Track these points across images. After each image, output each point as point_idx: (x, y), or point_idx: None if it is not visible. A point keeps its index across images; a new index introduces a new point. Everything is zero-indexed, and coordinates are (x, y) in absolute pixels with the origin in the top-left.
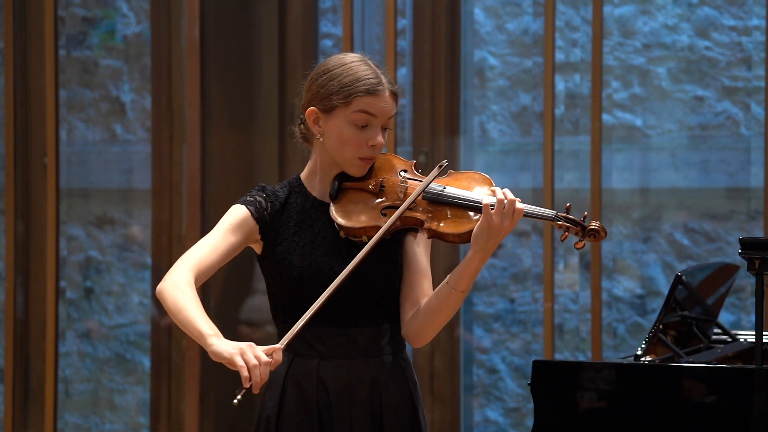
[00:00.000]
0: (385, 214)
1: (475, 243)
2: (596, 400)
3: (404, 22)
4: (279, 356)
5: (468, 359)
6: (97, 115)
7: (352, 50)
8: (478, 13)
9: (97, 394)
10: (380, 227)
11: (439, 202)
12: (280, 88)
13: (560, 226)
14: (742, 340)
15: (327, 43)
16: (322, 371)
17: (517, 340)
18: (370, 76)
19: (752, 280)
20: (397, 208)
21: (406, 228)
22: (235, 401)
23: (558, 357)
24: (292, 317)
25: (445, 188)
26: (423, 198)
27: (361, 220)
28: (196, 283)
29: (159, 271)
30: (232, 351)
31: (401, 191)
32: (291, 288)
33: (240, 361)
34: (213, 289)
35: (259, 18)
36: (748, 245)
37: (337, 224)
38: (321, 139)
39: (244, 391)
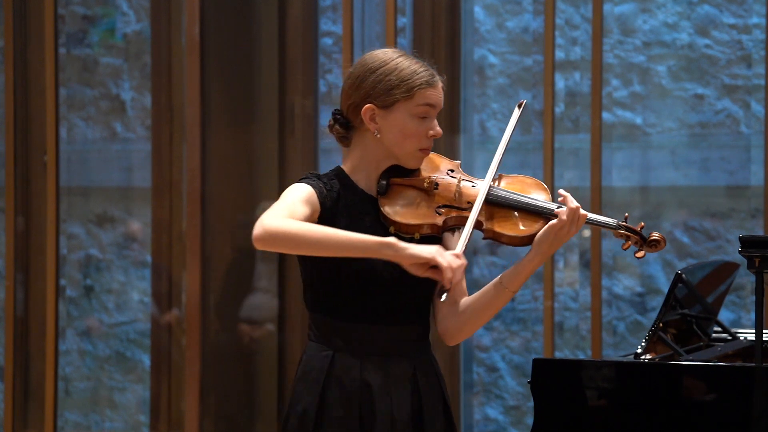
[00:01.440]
0: (440, 213)
1: (538, 246)
2: (596, 399)
3: (404, 21)
4: (464, 259)
5: (468, 357)
6: (97, 113)
7: (351, 49)
8: (478, 12)
9: (97, 392)
10: (436, 224)
11: (498, 204)
12: (280, 86)
13: (621, 235)
14: (742, 338)
15: (327, 41)
16: (364, 369)
17: (517, 339)
18: (424, 69)
19: (752, 278)
20: (451, 206)
21: (453, 226)
22: (443, 299)
23: (558, 355)
24: (333, 310)
25: (506, 191)
26: (485, 200)
27: (416, 217)
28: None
29: (159, 270)
30: (431, 251)
31: (456, 189)
32: (340, 283)
33: (444, 263)
34: (213, 287)
35: (259, 16)
36: (748, 243)
37: (390, 220)
38: (378, 135)
39: (447, 291)
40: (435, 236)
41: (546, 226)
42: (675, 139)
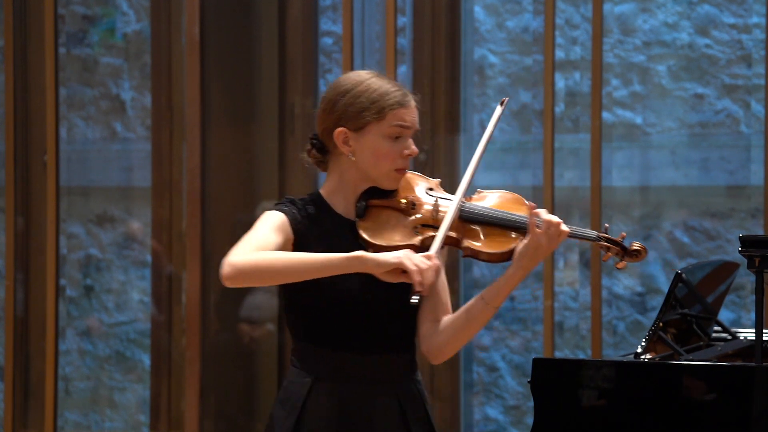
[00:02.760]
0: (417, 233)
1: (518, 262)
2: (596, 398)
3: (404, 20)
4: (437, 261)
5: (468, 357)
6: (97, 113)
7: (351, 49)
8: (478, 11)
9: (97, 392)
10: (414, 245)
11: (474, 221)
12: (280, 85)
13: (601, 247)
14: (742, 338)
15: (327, 41)
16: (344, 398)
17: (517, 338)
18: (396, 89)
19: (752, 278)
20: (428, 225)
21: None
22: (414, 300)
23: (558, 355)
24: (314, 337)
25: (480, 206)
26: (459, 217)
27: (394, 239)
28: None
29: (159, 270)
30: (398, 255)
31: (433, 209)
32: (319, 310)
33: (412, 266)
34: (213, 288)
35: (259, 16)
36: (748, 243)
37: (368, 242)
38: (353, 158)
39: (419, 294)
40: None
41: (525, 242)
42: (675, 138)
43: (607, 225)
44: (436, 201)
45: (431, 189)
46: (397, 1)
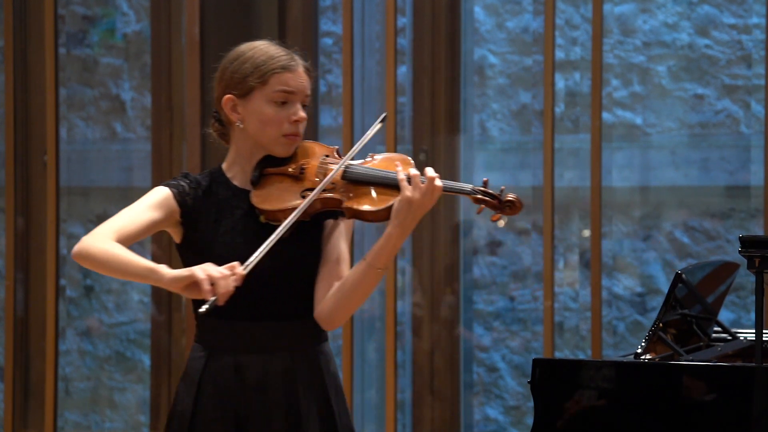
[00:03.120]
0: (304, 197)
1: (395, 219)
2: (596, 399)
3: (404, 21)
4: (241, 271)
5: (468, 357)
6: (97, 113)
7: (352, 49)
8: (478, 11)
9: (97, 392)
10: (297, 207)
11: (357, 182)
12: None
13: (476, 200)
14: (742, 338)
15: (327, 41)
16: (238, 366)
17: (517, 339)
18: (282, 54)
19: (752, 278)
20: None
21: (327, 211)
22: (202, 310)
23: (558, 355)
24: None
25: (365, 167)
26: (342, 178)
27: (282, 202)
28: None
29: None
30: (191, 269)
31: (321, 173)
32: None
33: (201, 275)
34: None
35: (259, 16)
36: (748, 243)
37: (258, 209)
38: (241, 125)
39: (210, 303)
40: (304, 221)
41: (399, 198)
42: (675, 139)
43: (486, 179)
44: (326, 166)
45: (327, 156)
46: (397, 1)
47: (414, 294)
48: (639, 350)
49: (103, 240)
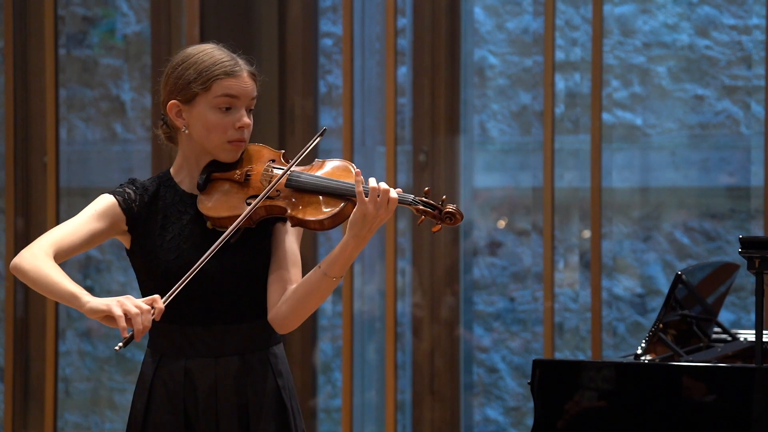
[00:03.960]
0: (249, 203)
1: (351, 230)
2: (596, 399)
3: (404, 21)
4: (160, 305)
5: (468, 358)
6: (97, 114)
7: (352, 50)
8: (478, 12)
9: (97, 393)
10: (240, 215)
11: (302, 190)
12: (280, 87)
13: (417, 210)
14: (742, 339)
15: (327, 42)
16: (188, 370)
17: (517, 339)
18: (226, 59)
19: (752, 279)
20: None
21: (273, 217)
22: (117, 348)
23: (558, 356)
24: (163, 313)
25: (310, 175)
26: (286, 185)
27: (227, 209)
28: (54, 261)
29: None
30: (109, 302)
31: (266, 180)
32: (159, 282)
33: (118, 311)
34: None
35: (259, 16)
36: (748, 244)
37: (204, 216)
38: (186, 131)
39: (125, 339)
40: (249, 228)
41: (355, 210)
42: (675, 139)
43: (427, 188)
44: (271, 173)
45: (273, 161)
46: (397, 2)
47: (414, 295)
48: (639, 351)
49: (38, 256)
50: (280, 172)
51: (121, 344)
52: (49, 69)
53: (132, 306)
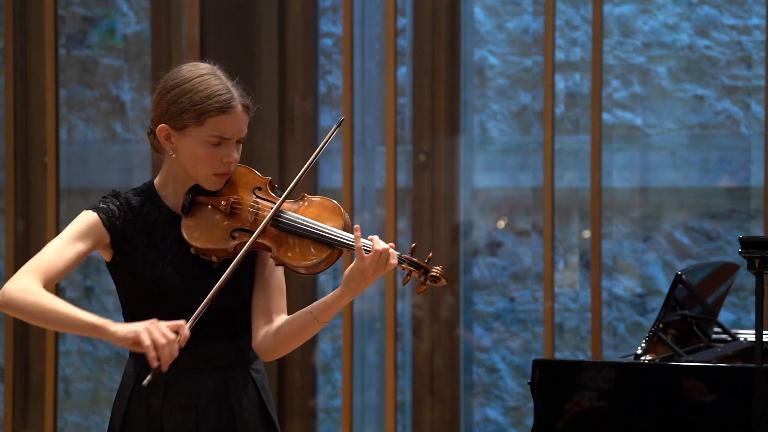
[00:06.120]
0: (234, 237)
1: (346, 284)
2: (596, 399)
3: (404, 21)
4: (185, 332)
5: (468, 358)
6: (97, 114)
7: (352, 50)
8: (478, 12)
9: (97, 393)
10: (227, 250)
11: (289, 232)
12: (280, 87)
13: (404, 269)
14: (742, 339)
15: (327, 42)
16: (168, 385)
17: (517, 339)
18: (222, 92)
19: (752, 279)
20: (246, 230)
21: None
22: (145, 383)
23: (558, 356)
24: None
25: (297, 218)
26: (273, 225)
27: (210, 241)
28: (45, 289)
29: None
30: (137, 329)
31: (252, 214)
32: (140, 299)
33: (147, 340)
34: None
35: (259, 17)
36: (748, 244)
37: (188, 243)
38: (173, 155)
39: (153, 371)
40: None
41: (352, 266)
42: (675, 140)
43: (414, 245)
44: (258, 206)
45: (259, 189)
46: (397, 2)
47: (414, 295)
48: (639, 351)
49: (31, 291)
50: (268, 205)
51: (150, 377)
52: (49, 69)
53: (159, 335)
